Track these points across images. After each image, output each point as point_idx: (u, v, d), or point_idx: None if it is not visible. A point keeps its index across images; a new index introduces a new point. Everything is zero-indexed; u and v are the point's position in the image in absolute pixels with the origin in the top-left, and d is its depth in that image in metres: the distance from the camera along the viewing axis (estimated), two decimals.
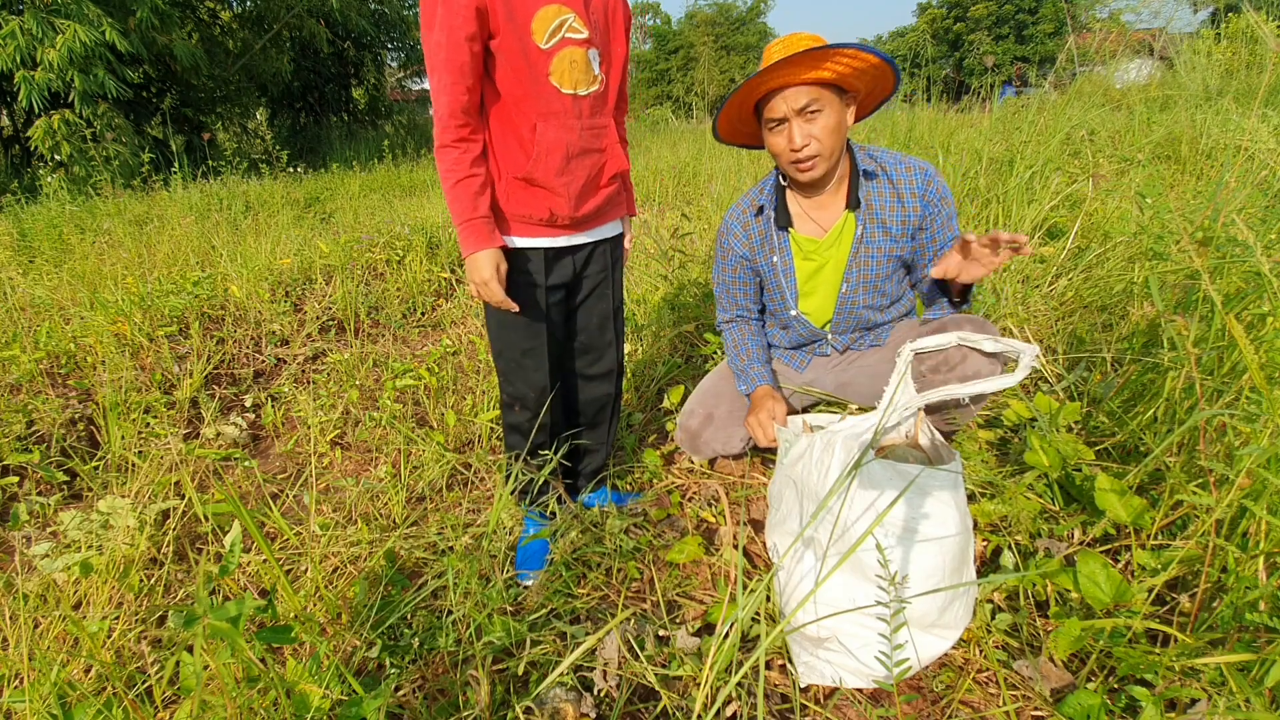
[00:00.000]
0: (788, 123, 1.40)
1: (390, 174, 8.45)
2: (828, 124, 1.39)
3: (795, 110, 1.38)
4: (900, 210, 1.50)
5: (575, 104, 1.29)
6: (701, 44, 37.38)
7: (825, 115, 1.39)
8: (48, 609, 1.35)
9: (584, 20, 1.26)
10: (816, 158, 1.42)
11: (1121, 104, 4.75)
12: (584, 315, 1.55)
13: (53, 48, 6.77)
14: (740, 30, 38.97)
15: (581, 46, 1.27)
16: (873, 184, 1.51)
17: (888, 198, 1.50)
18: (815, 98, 1.37)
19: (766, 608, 1.29)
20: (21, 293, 3.23)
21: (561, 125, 1.28)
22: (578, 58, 1.27)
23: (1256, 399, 1.10)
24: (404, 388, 2.41)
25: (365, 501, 1.81)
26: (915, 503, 1.08)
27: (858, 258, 1.54)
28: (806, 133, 1.40)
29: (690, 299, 2.79)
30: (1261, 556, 1.02)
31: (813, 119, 1.39)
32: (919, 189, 1.48)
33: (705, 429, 1.68)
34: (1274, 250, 1.65)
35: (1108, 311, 2.13)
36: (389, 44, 14.31)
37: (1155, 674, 0.99)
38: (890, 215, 1.51)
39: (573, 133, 1.30)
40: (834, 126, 1.40)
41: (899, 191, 1.49)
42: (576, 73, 1.27)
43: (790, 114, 1.38)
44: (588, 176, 1.36)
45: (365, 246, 4.14)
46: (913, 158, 1.51)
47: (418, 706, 1.10)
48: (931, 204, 1.49)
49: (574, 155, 1.31)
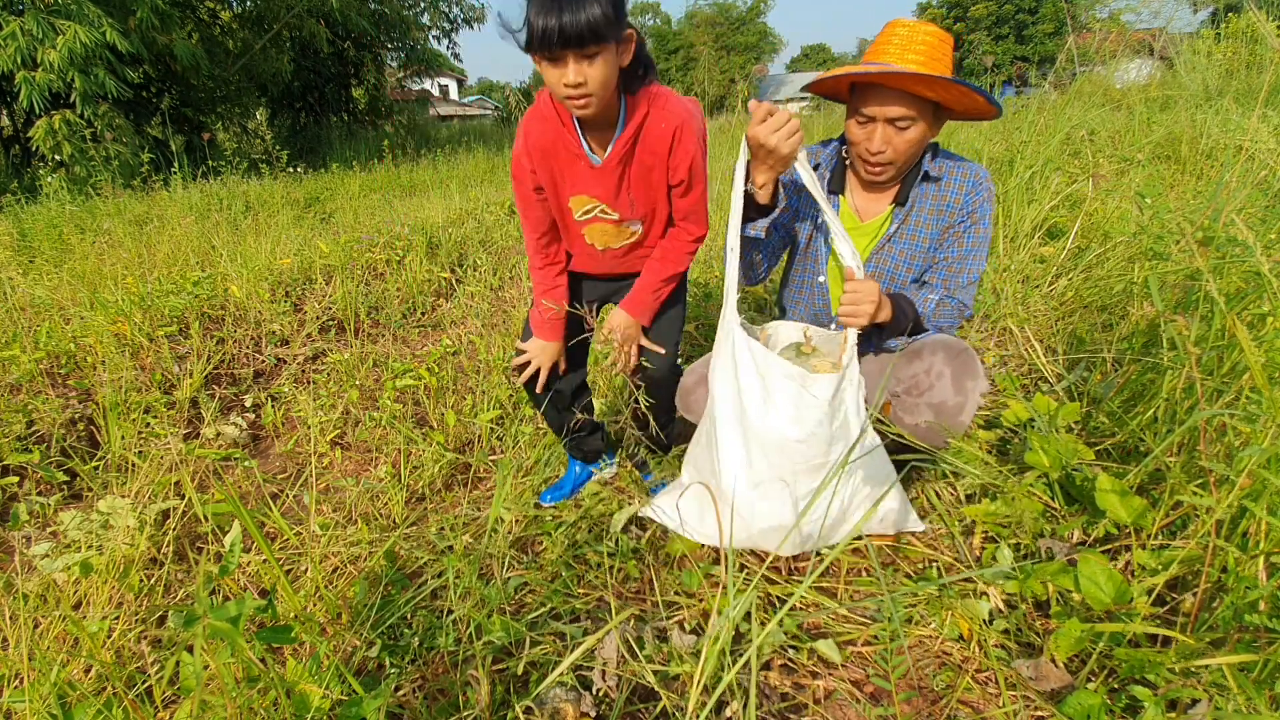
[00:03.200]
0: (875, 123, 1.35)
1: (390, 174, 8.46)
2: (912, 138, 1.35)
3: (887, 118, 1.33)
4: (940, 217, 1.46)
5: (606, 253, 1.53)
6: (701, 44, 37.34)
7: (913, 130, 1.34)
8: (48, 609, 1.35)
9: (614, 206, 1.42)
10: (890, 165, 1.39)
11: (1121, 104, 4.75)
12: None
13: (53, 48, 6.77)
14: (740, 30, 38.94)
15: (613, 224, 1.45)
16: (930, 187, 1.46)
17: (934, 202, 1.46)
18: (910, 113, 1.31)
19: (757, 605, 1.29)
20: (21, 293, 3.23)
21: (590, 259, 1.57)
22: (608, 229, 1.47)
23: (1257, 399, 1.10)
24: (404, 388, 2.41)
25: (365, 501, 1.81)
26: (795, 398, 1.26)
27: (881, 253, 1.51)
28: (888, 140, 1.35)
29: (690, 299, 2.79)
30: (1262, 557, 1.02)
31: (901, 130, 1.34)
32: (964, 196, 1.43)
33: (698, 388, 1.66)
34: (1274, 250, 1.65)
35: (1108, 311, 2.13)
36: (389, 44, 14.30)
37: (1156, 675, 0.99)
38: (930, 220, 1.46)
39: (601, 266, 1.58)
40: (917, 140, 1.36)
41: (944, 194, 1.44)
42: (607, 237, 1.49)
43: (881, 117, 1.33)
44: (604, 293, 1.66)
45: (365, 246, 4.14)
46: (974, 163, 1.46)
47: (418, 706, 1.10)
48: (966, 211, 1.43)
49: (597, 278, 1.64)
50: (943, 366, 1.40)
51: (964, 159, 1.46)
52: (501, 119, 18.29)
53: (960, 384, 1.39)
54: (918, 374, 1.43)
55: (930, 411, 1.41)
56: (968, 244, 1.45)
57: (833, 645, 1.21)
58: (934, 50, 1.28)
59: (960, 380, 1.39)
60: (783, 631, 1.25)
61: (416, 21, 14.32)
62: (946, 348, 1.42)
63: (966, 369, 1.39)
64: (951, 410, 1.39)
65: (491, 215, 5.26)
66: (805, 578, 1.35)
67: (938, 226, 1.46)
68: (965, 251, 1.45)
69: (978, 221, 1.44)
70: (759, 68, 40.78)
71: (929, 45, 1.28)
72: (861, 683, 1.18)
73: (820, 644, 1.22)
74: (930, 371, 1.41)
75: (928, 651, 1.23)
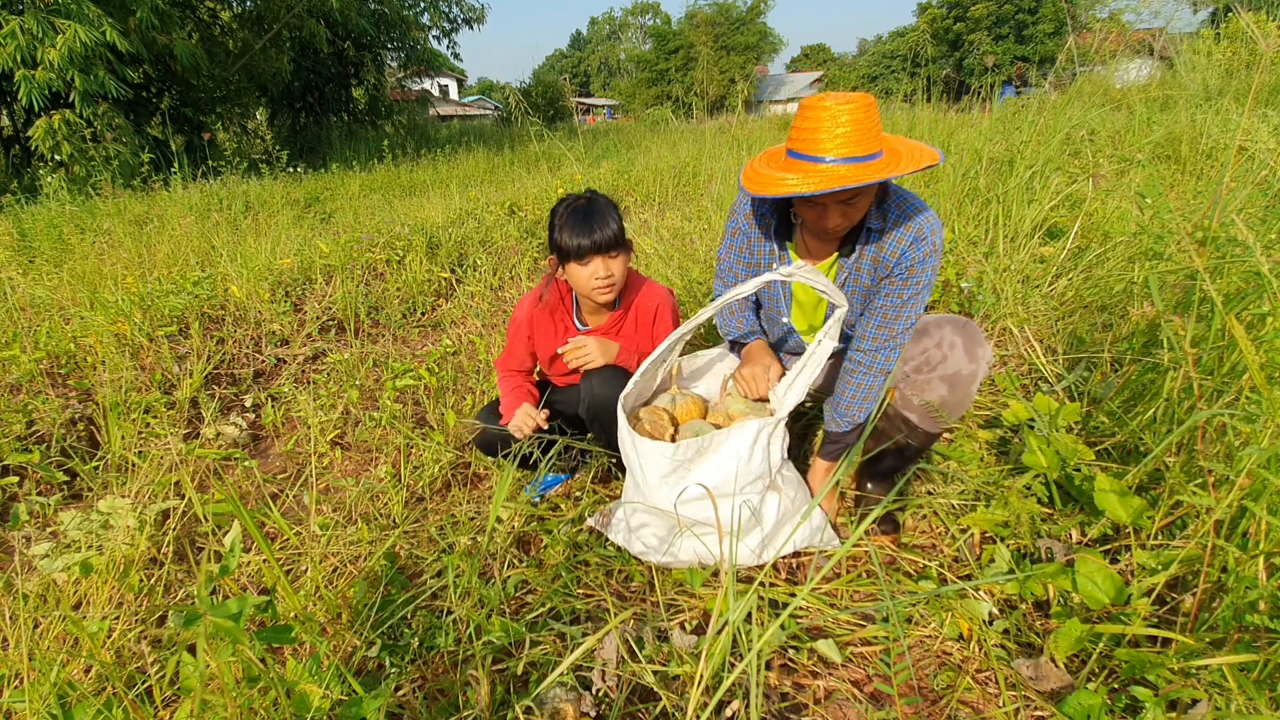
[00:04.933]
0: (826, 205, 1.33)
1: (390, 174, 8.45)
2: (864, 205, 1.34)
3: (838, 201, 1.31)
4: (877, 268, 1.44)
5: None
6: (701, 44, 37.33)
7: (863, 199, 1.32)
8: (48, 609, 1.35)
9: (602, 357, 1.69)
10: (847, 231, 1.40)
11: (1121, 104, 4.75)
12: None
13: (53, 47, 6.77)
14: (740, 30, 38.94)
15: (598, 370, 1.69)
16: (874, 238, 1.43)
17: (874, 253, 1.44)
18: (857, 192, 1.30)
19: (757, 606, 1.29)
20: (21, 293, 3.23)
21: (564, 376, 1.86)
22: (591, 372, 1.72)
23: (1256, 399, 1.10)
24: (404, 388, 2.41)
25: (365, 501, 1.81)
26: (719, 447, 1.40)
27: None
28: (843, 214, 1.33)
29: (690, 299, 2.79)
30: (1261, 556, 1.02)
31: (852, 203, 1.32)
32: (902, 250, 1.39)
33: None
34: (1274, 250, 1.65)
35: (1108, 311, 2.13)
36: (389, 44, 14.29)
37: (1156, 675, 0.99)
38: (868, 268, 1.45)
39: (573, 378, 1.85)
40: (869, 204, 1.35)
41: (883, 248, 1.41)
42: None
43: (830, 202, 1.32)
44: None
45: (365, 246, 4.14)
46: (920, 213, 1.38)
47: (418, 706, 1.10)
48: (902, 265, 1.39)
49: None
50: (954, 337, 1.42)
51: (913, 205, 1.39)
52: (502, 119, 18.29)
53: (972, 352, 1.42)
54: (928, 349, 1.45)
55: (944, 385, 1.43)
56: (906, 295, 1.41)
57: (833, 645, 1.21)
58: (859, 126, 1.21)
59: (971, 349, 1.42)
60: (783, 631, 1.25)
61: (416, 21, 14.31)
62: (951, 321, 1.45)
63: (975, 338, 1.42)
64: (965, 379, 1.41)
65: (491, 215, 5.26)
66: (806, 581, 1.35)
67: (874, 275, 1.45)
68: (901, 302, 1.41)
69: (916, 275, 1.39)
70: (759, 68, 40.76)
71: (854, 122, 1.21)
72: (861, 683, 1.18)
73: (820, 644, 1.22)
74: (942, 344, 1.43)
75: (928, 651, 1.23)
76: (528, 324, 1.79)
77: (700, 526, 1.40)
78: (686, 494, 1.39)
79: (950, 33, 34.30)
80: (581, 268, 1.60)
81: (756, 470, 1.39)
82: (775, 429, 1.41)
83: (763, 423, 1.38)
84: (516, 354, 1.84)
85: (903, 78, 8.24)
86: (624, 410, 1.51)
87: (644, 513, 1.46)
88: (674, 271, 3.01)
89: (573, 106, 21.96)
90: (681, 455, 1.39)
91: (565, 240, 1.57)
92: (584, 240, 1.56)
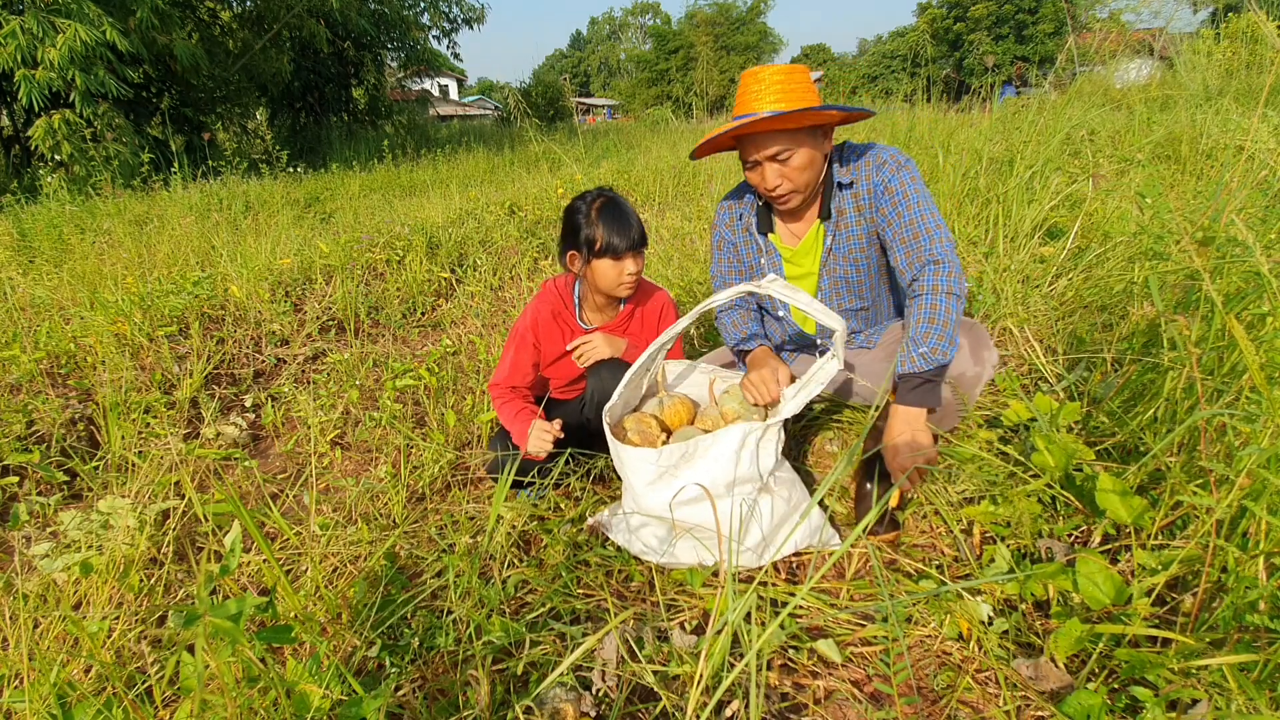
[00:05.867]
0: (760, 165, 1.46)
1: (390, 174, 8.45)
2: (799, 164, 1.44)
3: (767, 157, 1.43)
4: (863, 213, 1.51)
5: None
6: (701, 44, 37.33)
7: (796, 157, 1.43)
8: (48, 609, 1.35)
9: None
10: (793, 193, 1.48)
11: (1121, 104, 4.75)
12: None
13: (53, 47, 6.77)
14: (740, 30, 38.94)
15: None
16: (847, 192, 1.52)
17: (853, 202, 1.52)
18: (784, 146, 1.42)
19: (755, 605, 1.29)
20: (21, 293, 3.23)
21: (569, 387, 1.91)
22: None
23: (1256, 399, 1.10)
24: (404, 388, 2.41)
25: (365, 501, 1.81)
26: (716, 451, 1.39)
27: (827, 266, 1.59)
28: (778, 173, 1.45)
29: (690, 299, 2.79)
30: (1262, 556, 1.02)
31: (785, 160, 1.44)
32: (871, 181, 1.49)
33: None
34: (1274, 250, 1.65)
35: (1108, 311, 2.12)
36: (389, 44, 14.30)
37: (1156, 675, 0.99)
38: (856, 219, 1.52)
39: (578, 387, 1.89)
40: (805, 164, 1.44)
41: (858, 193, 1.51)
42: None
43: (762, 158, 1.44)
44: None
45: (365, 246, 4.14)
46: (871, 148, 1.50)
47: (418, 706, 1.10)
48: (877, 194, 1.48)
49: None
50: (960, 339, 1.43)
51: (869, 147, 1.51)
52: (502, 119, 18.29)
53: (977, 354, 1.45)
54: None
55: (947, 388, 1.44)
56: (903, 208, 1.44)
57: (833, 645, 1.21)
58: (786, 84, 1.40)
59: (977, 351, 1.44)
60: (783, 631, 1.24)
61: (416, 21, 14.32)
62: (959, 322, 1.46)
63: (980, 340, 1.45)
64: (970, 381, 1.44)
65: (491, 215, 5.26)
66: (806, 580, 1.34)
67: (866, 221, 1.52)
68: (906, 220, 1.44)
69: (897, 190, 1.45)
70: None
71: (779, 83, 1.40)
72: (861, 683, 1.18)
73: (820, 644, 1.22)
74: None
75: (928, 651, 1.23)
76: (533, 330, 1.78)
77: (697, 530, 1.39)
78: (682, 495, 1.39)
79: (950, 33, 34.30)
80: (614, 264, 1.60)
81: (745, 475, 1.39)
82: (764, 434, 1.39)
83: (749, 427, 1.37)
84: (520, 367, 1.80)
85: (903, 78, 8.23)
86: (611, 420, 1.52)
87: (642, 514, 1.46)
88: (674, 272, 3.01)
89: (573, 106, 21.96)
90: (666, 461, 1.39)
91: (602, 237, 1.57)
92: (623, 239, 1.57)
